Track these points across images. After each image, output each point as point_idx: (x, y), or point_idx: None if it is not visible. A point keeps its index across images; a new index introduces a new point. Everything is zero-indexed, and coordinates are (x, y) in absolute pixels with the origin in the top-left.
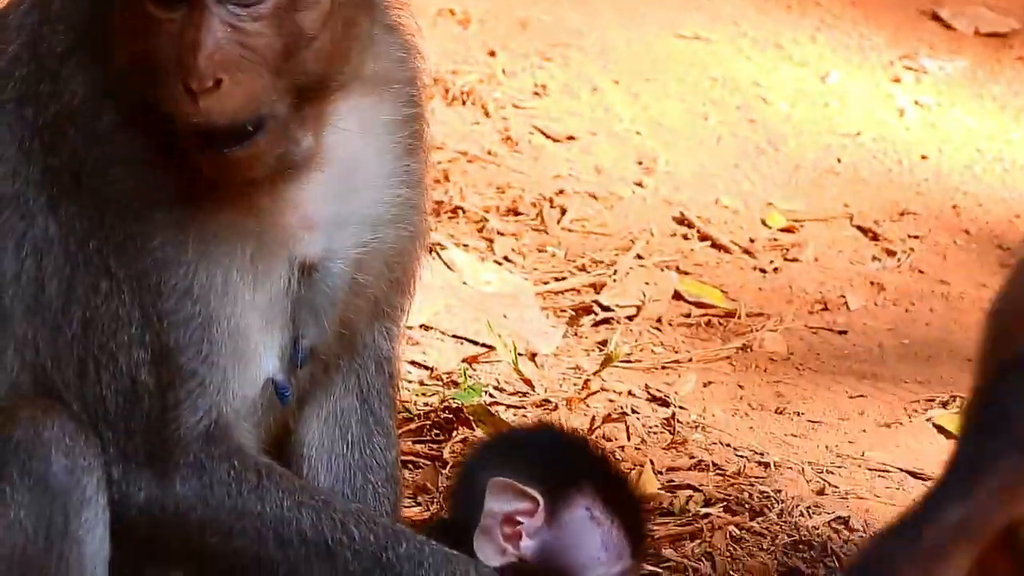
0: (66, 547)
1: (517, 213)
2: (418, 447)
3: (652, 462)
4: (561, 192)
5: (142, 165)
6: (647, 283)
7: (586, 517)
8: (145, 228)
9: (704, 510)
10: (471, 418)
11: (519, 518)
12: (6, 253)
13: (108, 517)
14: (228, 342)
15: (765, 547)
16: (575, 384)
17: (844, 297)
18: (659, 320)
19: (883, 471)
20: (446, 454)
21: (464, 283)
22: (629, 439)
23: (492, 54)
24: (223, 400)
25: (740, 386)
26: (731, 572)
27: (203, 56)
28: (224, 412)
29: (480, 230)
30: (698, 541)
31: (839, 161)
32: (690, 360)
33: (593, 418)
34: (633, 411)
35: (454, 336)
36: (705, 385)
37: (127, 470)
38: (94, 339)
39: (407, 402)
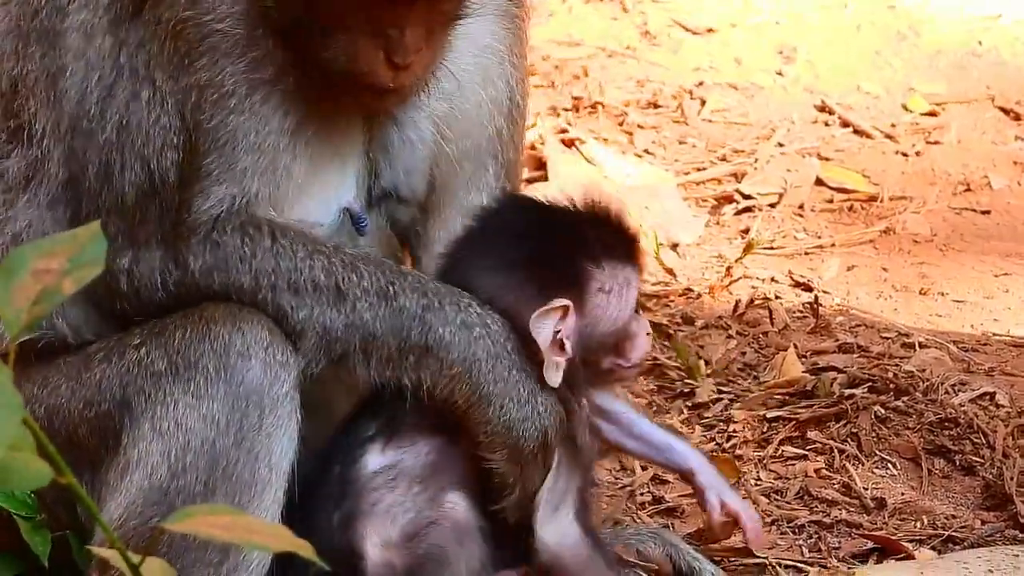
0: (257, 443)
1: (657, 106)
2: None
3: (796, 346)
4: (701, 84)
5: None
6: (788, 170)
7: (603, 291)
8: (196, 51)
9: (848, 391)
10: None
11: (557, 330)
12: (68, 72)
13: (299, 417)
14: (256, 153)
15: (911, 426)
16: (717, 272)
17: (987, 177)
18: (801, 207)
19: None
20: None
21: (605, 176)
22: (772, 324)
23: None
24: (238, 192)
25: (884, 269)
26: (877, 452)
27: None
28: (238, 199)
29: (620, 124)
30: (843, 422)
31: (980, 44)
32: (833, 245)
33: (737, 304)
34: (776, 297)
35: None
36: (848, 269)
37: (139, 255)
38: (127, 140)
39: None
